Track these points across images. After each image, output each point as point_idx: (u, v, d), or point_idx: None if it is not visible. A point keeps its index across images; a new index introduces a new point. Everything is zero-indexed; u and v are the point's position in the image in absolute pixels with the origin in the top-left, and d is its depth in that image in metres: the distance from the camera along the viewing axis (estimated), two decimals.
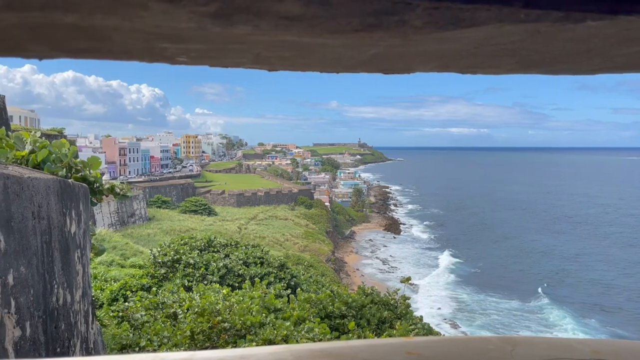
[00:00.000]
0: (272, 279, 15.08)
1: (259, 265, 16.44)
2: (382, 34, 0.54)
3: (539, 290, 62.78)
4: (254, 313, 7.91)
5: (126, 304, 10.31)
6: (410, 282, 12.22)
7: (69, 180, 2.64)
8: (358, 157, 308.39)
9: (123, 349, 7.62)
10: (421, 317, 10.94)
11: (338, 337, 8.10)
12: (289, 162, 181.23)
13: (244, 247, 17.83)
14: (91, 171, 4.97)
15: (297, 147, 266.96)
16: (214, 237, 18.10)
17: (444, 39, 0.56)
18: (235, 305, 8.20)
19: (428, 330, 10.22)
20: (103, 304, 15.35)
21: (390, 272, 72.66)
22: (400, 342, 0.70)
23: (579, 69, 0.68)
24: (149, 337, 7.62)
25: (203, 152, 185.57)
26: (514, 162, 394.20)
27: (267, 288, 10.31)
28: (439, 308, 58.58)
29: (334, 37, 0.54)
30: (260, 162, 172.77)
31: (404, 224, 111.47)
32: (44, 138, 4.87)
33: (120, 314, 9.92)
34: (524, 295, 61.17)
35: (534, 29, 0.56)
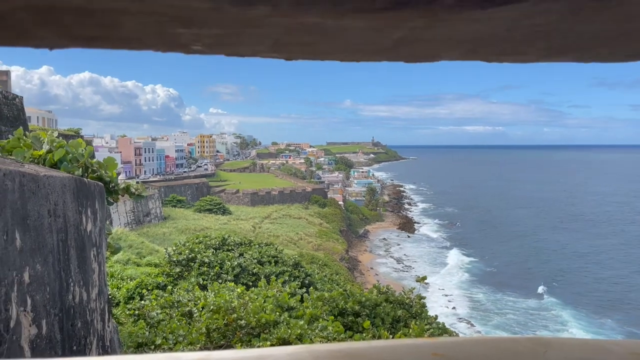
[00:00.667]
0: (287, 278, 15.08)
1: (273, 264, 16.46)
2: (409, 14, 0.51)
3: (554, 288, 62.08)
4: (267, 311, 7.91)
5: (142, 302, 10.38)
6: (425, 281, 12.12)
7: (85, 179, 2.65)
8: (372, 156, 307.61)
9: (139, 347, 7.66)
10: (436, 316, 10.85)
11: (352, 336, 8.07)
12: (302, 161, 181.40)
13: (258, 246, 17.86)
14: (107, 172, 5.00)
15: (310, 146, 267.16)
16: (229, 236, 18.16)
17: (475, 19, 0.53)
18: (250, 303, 8.21)
19: (443, 330, 10.13)
20: (119, 302, 15.49)
21: (404, 271, 72.37)
22: (425, 343, 0.67)
23: (617, 54, 0.64)
24: (164, 335, 7.66)
25: (217, 151, 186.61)
26: (529, 160, 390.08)
27: (281, 287, 10.31)
28: (454, 307, 58.19)
29: (359, 17, 0.51)
30: (274, 161, 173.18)
31: (418, 223, 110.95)
32: (60, 138, 4.90)
33: (137, 312, 9.99)
34: (539, 294, 60.52)
35: (577, 6, 0.51)
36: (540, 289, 62.19)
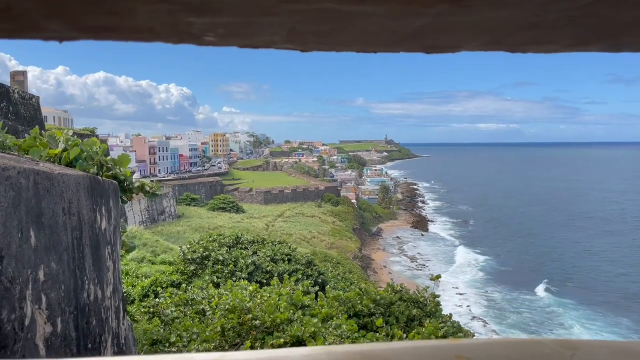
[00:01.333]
0: (300, 276, 15.08)
1: (287, 262, 16.48)
2: None
3: (568, 287, 61.37)
4: (281, 310, 7.91)
5: (157, 300, 10.45)
6: (439, 279, 12.05)
7: (99, 177, 2.65)
8: (385, 154, 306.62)
9: (154, 344, 7.71)
10: (450, 314, 10.77)
11: (365, 335, 8.04)
12: (315, 159, 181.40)
13: (271, 244, 17.89)
14: (121, 169, 5.02)
15: (323, 145, 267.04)
16: (242, 234, 18.21)
17: (503, 3, 0.50)
18: (264, 302, 8.22)
19: (458, 329, 10.04)
20: (134, 299, 15.63)
21: (418, 270, 72.07)
22: (447, 345, 0.64)
23: None
24: (178, 332, 7.70)
25: (231, 150, 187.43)
26: (544, 158, 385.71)
27: (295, 285, 10.31)
28: (468, 306, 57.81)
29: (379, 3, 0.48)
30: (286, 160, 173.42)
31: (431, 221, 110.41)
32: (75, 137, 4.94)
33: (151, 309, 10.06)
34: (553, 292, 59.87)
35: None
36: (554, 288, 61.53)
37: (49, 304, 1.62)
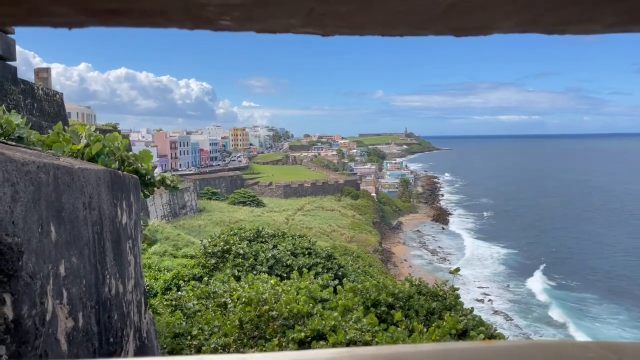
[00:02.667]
0: (320, 270, 15.09)
1: (307, 255, 16.50)
2: None
3: (591, 281, 60.28)
4: (301, 303, 7.91)
5: (179, 293, 10.58)
6: (459, 273, 11.94)
7: (119, 172, 2.66)
8: (405, 147, 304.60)
9: (176, 337, 7.80)
10: (472, 308, 10.66)
11: (386, 329, 8.00)
12: (334, 153, 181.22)
13: (291, 238, 17.93)
14: (142, 164, 5.06)
15: (342, 138, 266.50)
16: (262, 228, 18.29)
17: None
18: (283, 294, 8.24)
19: (479, 322, 9.92)
20: (157, 292, 15.85)
21: (439, 263, 71.61)
22: (479, 347, 0.60)
23: None
24: (200, 326, 7.78)
25: (250, 144, 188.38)
26: (568, 150, 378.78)
27: (314, 278, 10.32)
28: (490, 300, 57.24)
29: None
30: (306, 154, 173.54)
31: (452, 215, 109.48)
32: (98, 132, 4.99)
33: (174, 302, 10.19)
34: (577, 287, 58.90)
35: None
36: (577, 282, 60.52)
37: (70, 298, 1.62)
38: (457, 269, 11.24)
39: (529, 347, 0.59)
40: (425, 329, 8.00)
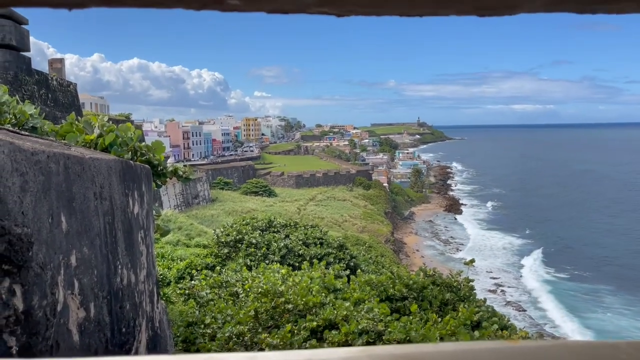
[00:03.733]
0: (332, 260, 15.10)
1: (319, 245, 16.50)
2: None
3: (605, 272, 59.72)
4: (314, 293, 7.92)
5: (192, 282, 10.66)
6: (473, 264, 11.85)
7: (131, 162, 2.65)
8: (417, 136, 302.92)
9: (189, 326, 7.86)
10: (484, 299, 10.62)
11: (399, 319, 7.98)
12: (346, 143, 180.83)
13: (303, 228, 17.94)
14: (155, 155, 5.06)
15: (354, 128, 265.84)
16: (275, 218, 18.33)
17: None
18: (297, 285, 8.26)
19: (492, 314, 9.88)
20: (170, 281, 16.01)
21: (451, 254, 71.42)
22: (504, 347, 0.57)
23: None
24: (213, 314, 7.82)
25: (262, 134, 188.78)
26: (582, 139, 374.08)
27: (326, 269, 10.32)
28: (503, 291, 57.03)
29: None
30: (318, 144, 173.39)
31: (464, 205, 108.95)
32: (111, 122, 5.01)
33: (187, 291, 10.27)
34: (589, 278, 58.41)
35: None
36: (591, 273, 59.99)
37: (81, 289, 1.61)
38: (472, 260, 11.17)
39: (556, 348, 0.56)
40: (439, 320, 7.96)
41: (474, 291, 10.46)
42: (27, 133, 2.25)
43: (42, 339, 1.29)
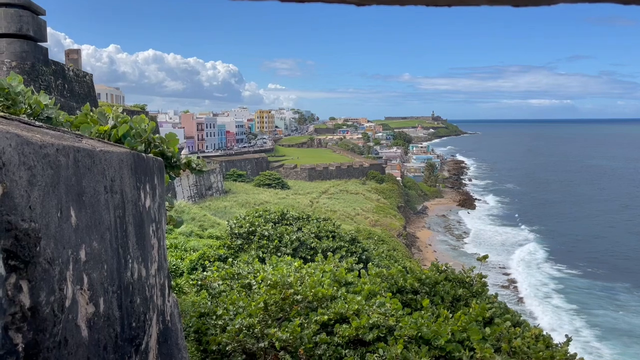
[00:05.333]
0: (344, 253, 15.08)
1: (331, 238, 16.49)
2: None
3: (619, 269, 58.99)
4: (325, 286, 7.91)
5: (204, 273, 10.71)
6: (486, 260, 11.74)
7: (143, 154, 2.63)
8: (431, 130, 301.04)
9: (201, 316, 7.90)
10: (496, 294, 10.52)
11: (410, 313, 7.95)
12: (360, 136, 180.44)
13: (315, 221, 17.93)
14: (169, 147, 5.07)
15: (368, 121, 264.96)
16: (287, 211, 18.34)
17: None
18: (307, 277, 8.25)
19: (505, 310, 9.80)
20: (183, 272, 16.14)
21: (463, 249, 71.05)
22: None
23: None
24: (225, 306, 7.85)
25: (276, 126, 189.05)
26: (600, 135, 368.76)
27: (339, 262, 10.30)
28: (515, 287, 56.64)
29: None
30: (331, 137, 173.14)
31: (478, 200, 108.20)
32: (125, 113, 5.01)
33: (199, 282, 10.33)
34: (603, 275, 57.74)
35: None
36: (604, 270, 59.29)
37: (91, 284, 1.60)
38: (486, 256, 11.04)
39: None
40: (450, 315, 7.91)
41: (487, 287, 10.38)
42: (40, 124, 2.24)
43: (49, 336, 1.27)
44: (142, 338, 2.17)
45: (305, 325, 7.07)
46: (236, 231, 16.13)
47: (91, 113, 4.69)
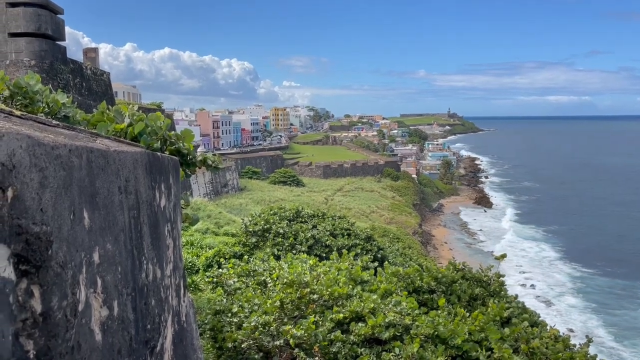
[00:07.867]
0: (359, 251, 15.01)
1: (346, 236, 16.43)
2: None
3: (632, 268, 58.01)
4: (340, 284, 7.86)
5: (220, 270, 10.73)
6: (504, 259, 11.58)
7: (158, 153, 2.61)
8: (447, 127, 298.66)
9: (217, 314, 7.91)
10: (516, 295, 10.37)
11: (427, 312, 7.86)
12: (375, 133, 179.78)
13: (330, 219, 17.89)
14: (184, 144, 5.06)
15: (383, 118, 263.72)
16: (302, 208, 18.32)
17: None
18: (323, 276, 8.21)
19: (523, 309, 9.64)
20: (199, 269, 16.22)
21: (480, 247, 70.41)
22: None
23: None
24: (240, 303, 7.85)
25: (291, 124, 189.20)
26: (619, 132, 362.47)
27: (354, 260, 10.24)
28: (532, 285, 56.00)
29: None
30: (346, 134, 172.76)
31: (495, 197, 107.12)
32: (140, 111, 5.01)
33: (215, 279, 10.34)
34: (622, 274, 56.78)
35: None
36: (623, 269, 58.30)
37: (104, 287, 1.57)
38: (504, 255, 10.90)
39: None
40: (467, 314, 7.81)
41: (505, 286, 10.23)
42: (56, 122, 2.22)
43: (61, 341, 1.24)
44: (157, 340, 2.15)
45: (320, 322, 7.03)
46: (251, 229, 16.15)
47: (107, 111, 4.69)
